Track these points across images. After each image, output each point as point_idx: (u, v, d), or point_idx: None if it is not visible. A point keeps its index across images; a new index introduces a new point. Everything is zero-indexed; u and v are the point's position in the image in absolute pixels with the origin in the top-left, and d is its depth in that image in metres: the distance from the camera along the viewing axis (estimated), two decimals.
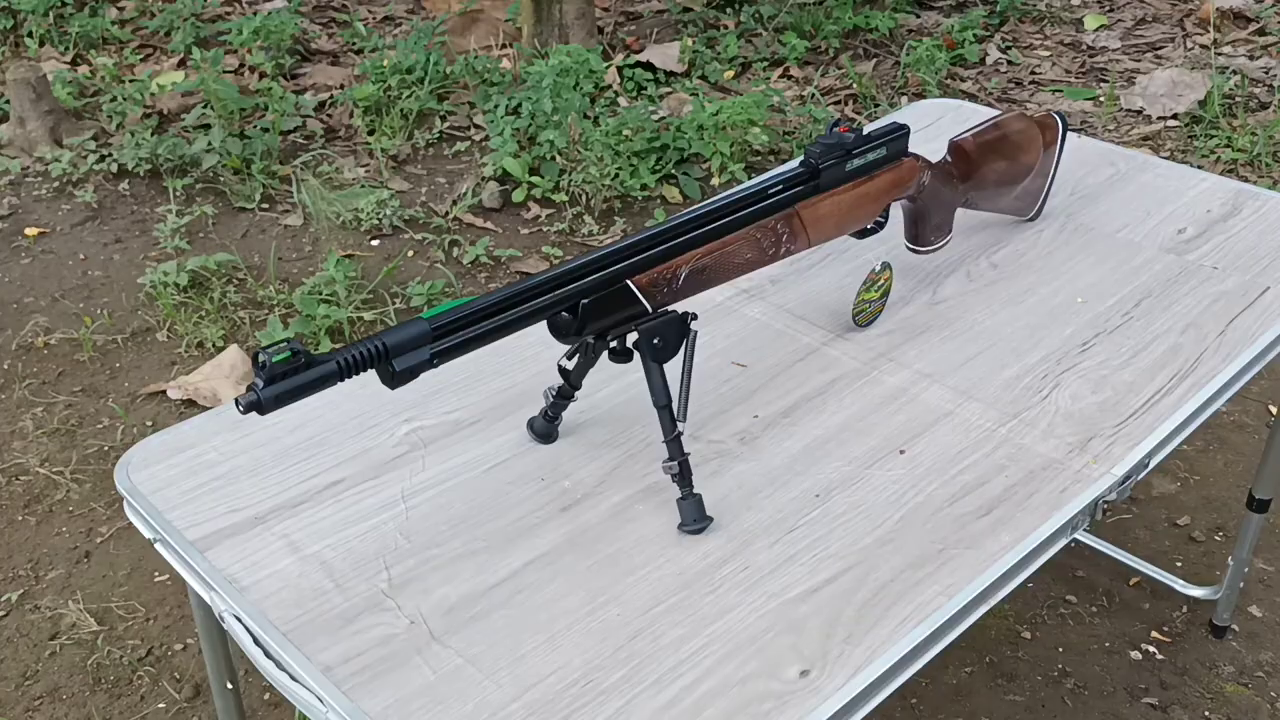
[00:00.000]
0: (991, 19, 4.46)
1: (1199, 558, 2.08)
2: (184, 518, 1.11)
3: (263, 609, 1.01)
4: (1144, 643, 1.91)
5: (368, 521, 1.11)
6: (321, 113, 3.86)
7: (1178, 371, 1.30)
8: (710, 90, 3.93)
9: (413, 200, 3.33)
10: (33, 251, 3.13)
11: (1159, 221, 1.60)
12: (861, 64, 4.11)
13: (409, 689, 0.93)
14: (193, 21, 4.43)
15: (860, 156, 1.23)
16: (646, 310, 1.07)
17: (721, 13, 4.51)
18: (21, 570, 2.10)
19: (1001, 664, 1.88)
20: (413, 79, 3.82)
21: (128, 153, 3.41)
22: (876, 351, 1.34)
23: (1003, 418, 1.24)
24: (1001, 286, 1.47)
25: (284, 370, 0.83)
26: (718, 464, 1.18)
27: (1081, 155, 1.77)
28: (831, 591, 1.03)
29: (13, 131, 3.65)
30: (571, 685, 0.94)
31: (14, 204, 3.35)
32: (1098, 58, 4.23)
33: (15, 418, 2.49)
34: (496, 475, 1.17)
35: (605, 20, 4.49)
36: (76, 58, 4.34)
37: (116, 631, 1.96)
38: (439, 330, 0.92)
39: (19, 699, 1.85)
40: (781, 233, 1.17)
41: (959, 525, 1.10)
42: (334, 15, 4.73)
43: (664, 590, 1.03)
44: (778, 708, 0.92)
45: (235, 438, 1.21)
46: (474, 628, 0.99)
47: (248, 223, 3.24)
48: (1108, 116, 3.73)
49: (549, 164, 3.30)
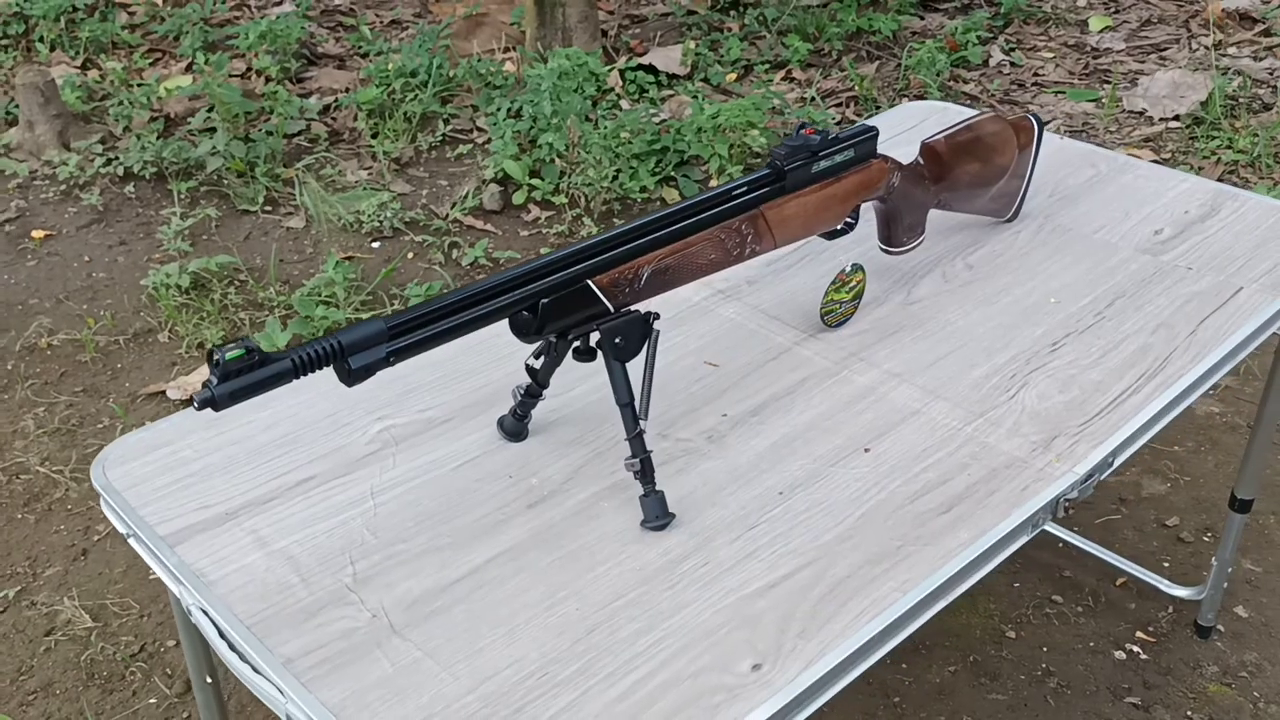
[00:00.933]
0: (996, 21, 4.46)
1: (1187, 558, 2.08)
2: (156, 513, 1.13)
3: (228, 603, 1.03)
4: (1128, 643, 1.92)
5: (336, 518, 1.13)
6: (326, 116, 3.89)
7: (1146, 371, 1.31)
8: (712, 93, 3.94)
9: (414, 202, 3.35)
10: (39, 254, 3.17)
11: (1136, 222, 1.60)
12: (864, 66, 4.12)
13: (367, 681, 0.95)
14: (201, 26, 4.47)
15: (827, 158, 1.25)
16: (608, 310, 1.09)
17: (725, 16, 4.53)
18: (20, 567, 2.13)
19: (985, 663, 1.88)
20: (416, 82, 3.85)
21: (133, 156, 3.45)
22: (847, 351, 1.36)
23: (969, 417, 1.25)
24: (976, 287, 1.48)
25: (238, 368, 0.85)
26: (684, 462, 1.20)
27: (1064, 156, 1.78)
28: (788, 587, 1.04)
29: (21, 135, 3.70)
30: (527, 678, 0.96)
31: (21, 207, 3.39)
32: (1101, 59, 4.22)
33: (17, 417, 2.53)
34: (465, 473, 1.19)
35: (609, 23, 4.51)
36: (86, 62, 4.39)
37: (111, 628, 1.99)
38: (395, 329, 0.94)
39: (13, 693, 1.88)
40: (746, 233, 1.18)
41: (919, 522, 1.11)
42: (341, 20, 4.77)
43: (624, 586, 1.05)
44: (728, 700, 0.93)
45: (210, 435, 1.23)
46: (434, 622, 1.01)
47: (251, 225, 3.28)
48: (1109, 118, 3.73)
49: (549, 166, 3.32)
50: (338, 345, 0.90)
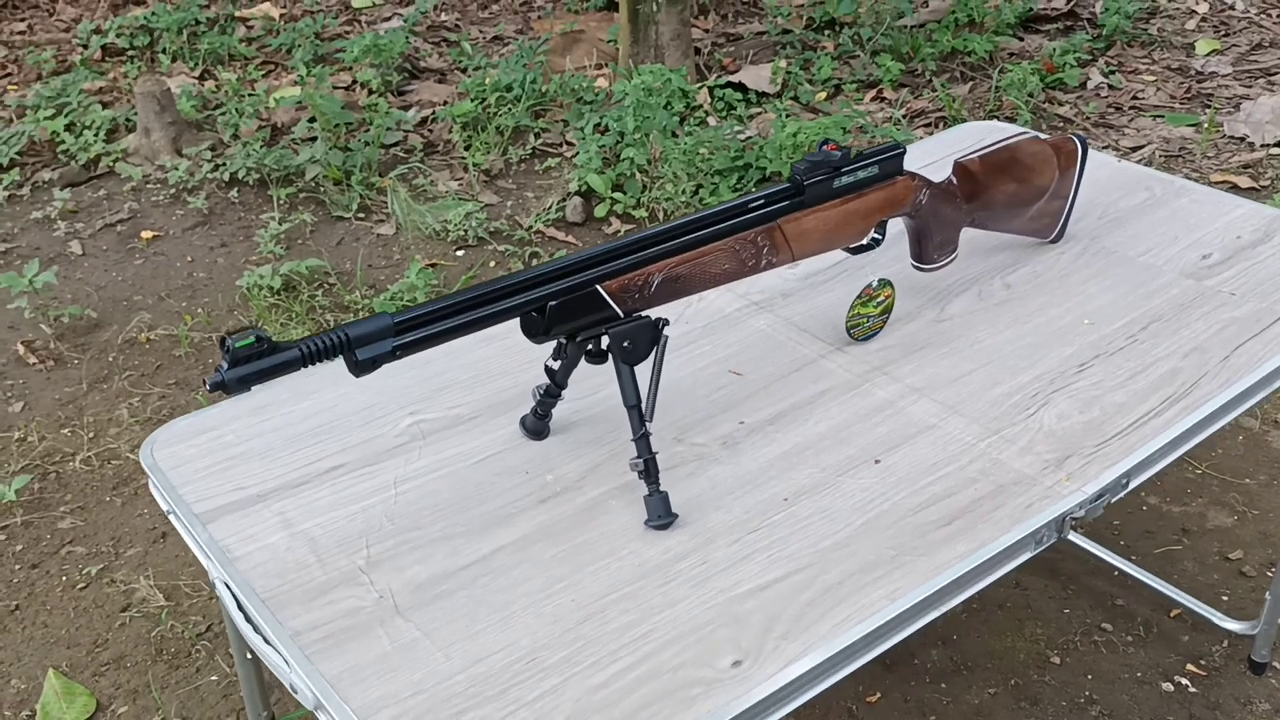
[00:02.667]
0: (1097, 43, 4.38)
1: (1247, 593, 2.03)
2: (194, 492, 1.20)
3: (248, 578, 1.09)
4: (1178, 675, 1.88)
5: (359, 504, 1.19)
6: (423, 128, 4.01)
7: (1172, 394, 1.30)
8: (801, 111, 3.96)
9: (499, 213, 3.45)
10: (145, 253, 3.35)
11: (1185, 247, 1.59)
12: (957, 87, 4.09)
13: (366, 657, 1.01)
14: (313, 40, 4.66)
15: (850, 174, 1.27)
16: (617, 315, 1.13)
17: (820, 35, 4.54)
18: (104, 546, 2.26)
19: (1027, 687, 1.87)
20: (511, 97, 3.96)
21: (238, 162, 3.62)
22: (871, 365, 1.38)
23: (984, 433, 1.26)
24: (1011, 306, 1.48)
25: (247, 354, 0.91)
26: (696, 465, 1.23)
27: (1120, 179, 1.77)
28: (779, 590, 1.07)
29: (138, 141, 3.90)
30: (516, 662, 1.00)
31: (134, 209, 3.58)
32: (1206, 83, 4.12)
33: (114, 406, 2.67)
34: (485, 467, 1.24)
35: (704, 41, 4.56)
36: (204, 73, 4.60)
37: (181, 607, 2.10)
38: (401, 325, 0.99)
39: (88, 663, 1.99)
40: (762, 245, 1.21)
41: (919, 534, 1.13)
42: (446, 35, 4.91)
43: (620, 580, 1.09)
44: (704, 693, 0.96)
45: (254, 422, 1.31)
46: (437, 605, 1.06)
47: (344, 231, 3.40)
48: (1207, 143, 3.64)
49: (631, 181, 3.38)
50: (345, 337, 0.96)
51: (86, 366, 2.82)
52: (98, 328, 2.98)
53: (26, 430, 2.59)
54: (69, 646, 2.03)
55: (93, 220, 3.52)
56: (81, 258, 3.33)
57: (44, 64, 4.56)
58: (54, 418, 2.64)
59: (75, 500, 2.38)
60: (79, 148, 3.82)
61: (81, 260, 3.32)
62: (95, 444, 2.54)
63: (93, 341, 2.92)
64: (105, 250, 3.37)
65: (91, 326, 2.99)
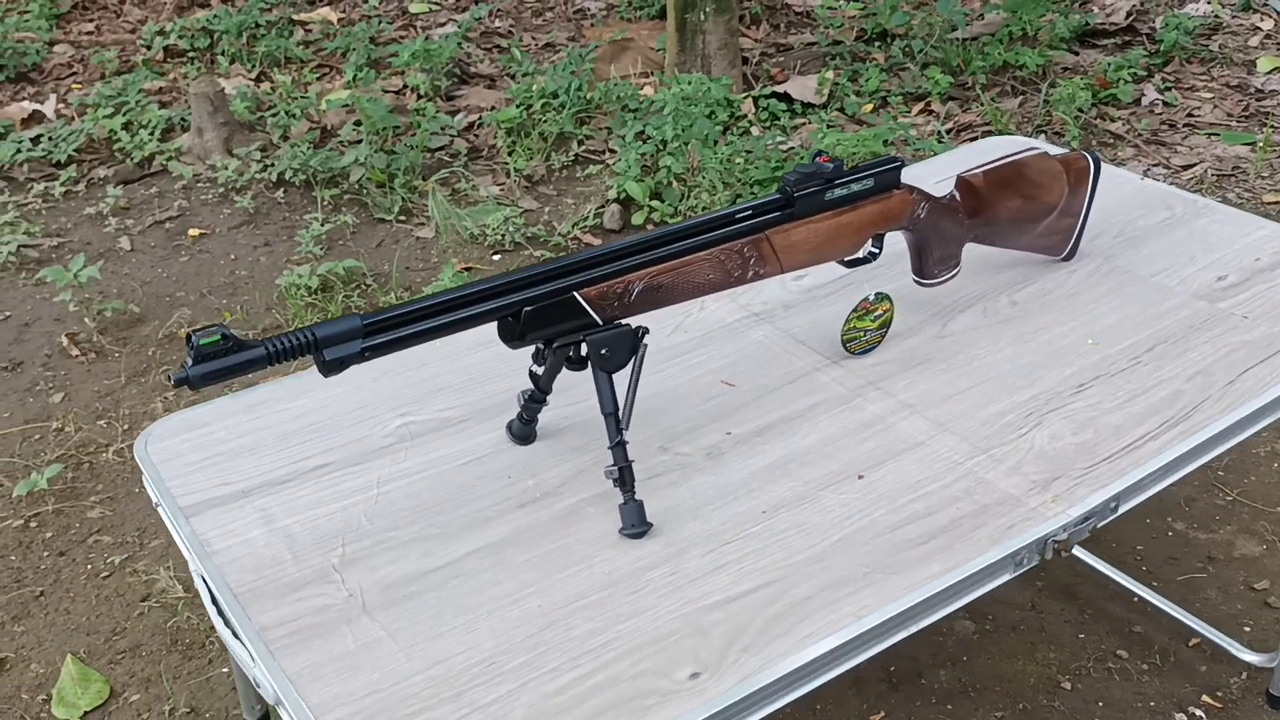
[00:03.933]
0: (1154, 59, 4.30)
1: (1271, 624, 1.97)
2: (181, 486, 1.22)
3: (224, 572, 1.11)
4: (1193, 706, 1.83)
5: (340, 503, 1.20)
6: (469, 133, 4.05)
7: (1170, 418, 1.27)
8: (847, 123, 3.93)
9: (538, 218, 3.46)
10: (191, 250, 3.41)
11: (1201, 268, 1.55)
12: (1007, 101, 4.04)
13: (329, 654, 1.02)
14: (367, 44, 4.72)
15: (843, 187, 1.26)
16: (596, 321, 1.13)
17: (870, 46, 4.51)
18: (129, 537, 2.30)
19: (1035, 712, 1.83)
20: (556, 103, 3.98)
21: (285, 162, 3.67)
22: (866, 380, 1.36)
23: (972, 451, 1.24)
24: (1015, 324, 1.46)
25: (212, 351, 0.93)
26: (679, 475, 1.23)
27: (1141, 198, 1.73)
28: (747, 602, 1.06)
29: (192, 140, 3.97)
30: (475, 664, 1.01)
31: (183, 206, 3.65)
32: (1266, 101, 4.03)
33: (149, 399, 2.72)
34: (469, 470, 1.25)
35: (754, 50, 4.55)
36: (260, 75, 4.68)
37: (198, 600, 2.12)
38: (371, 326, 1.00)
39: (105, 651, 2.03)
40: (749, 256, 1.21)
41: (894, 551, 1.11)
42: (498, 41, 4.95)
43: (590, 587, 1.09)
44: (659, 704, 0.96)
45: (245, 419, 1.33)
46: (405, 605, 1.07)
47: (384, 233, 3.44)
48: (1262, 162, 3.56)
49: (669, 189, 3.38)
50: (312, 337, 0.97)
51: (125, 360, 2.88)
52: (139, 322, 3.04)
53: (64, 420, 2.65)
54: (88, 633, 2.08)
55: (143, 217, 3.59)
56: (130, 253, 3.41)
57: (107, 64, 4.67)
58: (91, 409, 2.70)
59: (106, 490, 2.43)
60: (134, 146, 3.91)
61: (129, 256, 3.39)
62: (129, 436, 2.59)
63: (134, 335, 2.99)
64: (153, 246, 3.44)
65: (134, 321, 3.05)
